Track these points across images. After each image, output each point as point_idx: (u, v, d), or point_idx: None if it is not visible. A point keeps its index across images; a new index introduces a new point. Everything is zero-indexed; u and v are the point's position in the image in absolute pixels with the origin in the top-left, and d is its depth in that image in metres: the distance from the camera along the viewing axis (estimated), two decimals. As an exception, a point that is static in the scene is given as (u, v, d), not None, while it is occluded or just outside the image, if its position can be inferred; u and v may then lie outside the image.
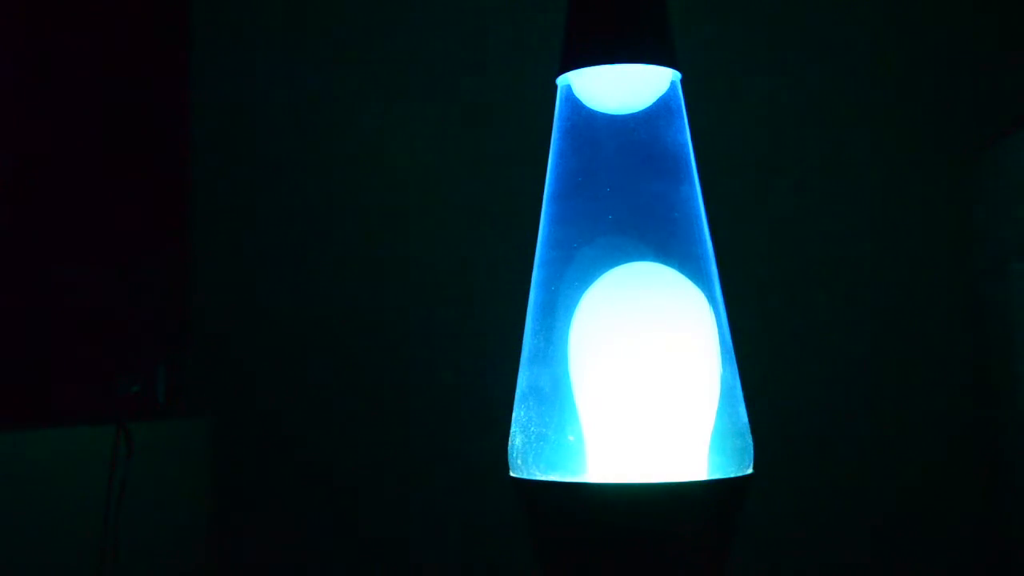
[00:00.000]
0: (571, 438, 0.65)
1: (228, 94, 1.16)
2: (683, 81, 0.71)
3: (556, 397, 0.66)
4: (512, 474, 0.67)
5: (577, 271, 0.67)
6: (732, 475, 0.65)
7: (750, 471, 0.66)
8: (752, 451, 0.67)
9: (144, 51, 1.15)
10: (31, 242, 1.04)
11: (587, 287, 0.66)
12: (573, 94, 0.70)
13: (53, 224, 1.05)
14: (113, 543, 0.88)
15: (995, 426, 0.98)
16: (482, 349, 1.05)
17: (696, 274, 0.67)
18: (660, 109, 0.69)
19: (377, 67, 1.13)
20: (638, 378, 0.64)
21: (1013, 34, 1.03)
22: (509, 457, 0.68)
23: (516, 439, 0.67)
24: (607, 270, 0.66)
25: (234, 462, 1.09)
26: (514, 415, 0.68)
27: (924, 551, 1.00)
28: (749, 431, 0.67)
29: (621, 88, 0.69)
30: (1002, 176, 0.96)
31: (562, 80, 0.70)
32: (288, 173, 1.14)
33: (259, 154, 1.15)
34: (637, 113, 0.69)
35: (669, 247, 0.66)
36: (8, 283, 1.01)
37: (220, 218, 1.15)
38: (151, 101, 1.15)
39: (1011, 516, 0.96)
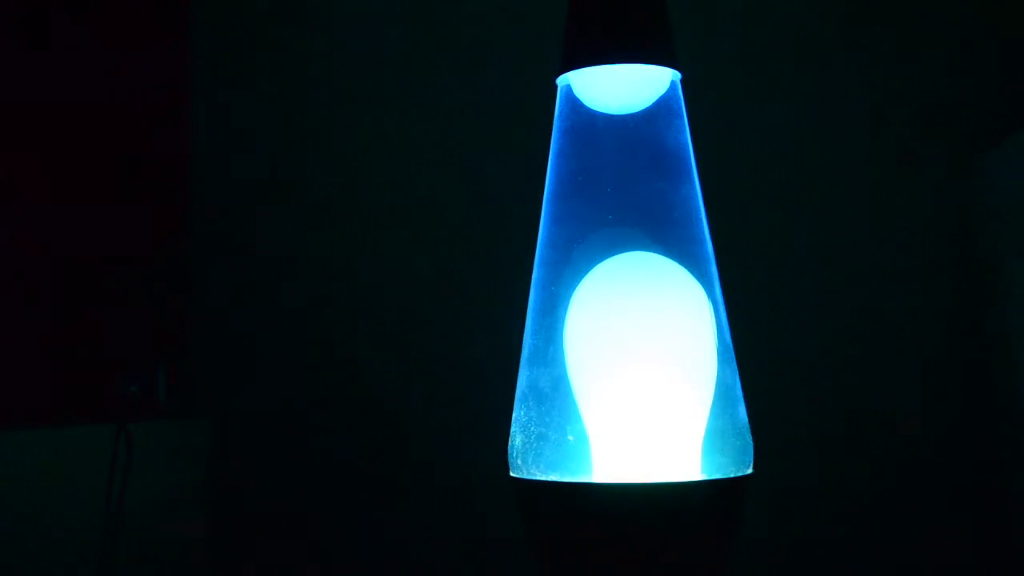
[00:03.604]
0: (571, 438, 0.65)
1: (228, 94, 1.16)
2: (683, 81, 0.71)
3: (556, 397, 0.66)
4: (512, 474, 0.67)
5: (576, 270, 0.67)
6: (732, 475, 0.65)
7: (750, 471, 0.66)
8: (752, 451, 0.67)
9: (144, 51, 1.15)
10: (31, 242, 1.04)
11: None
12: (573, 94, 0.70)
13: (53, 224, 1.05)
14: (113, 543, 0.88)
15: (995, 426, 0.98)
16: (482, 349, 1.05)
17: (696, 274, 0.67)
18: (660, 109, 0.69)
19: (377, 67, 1.13)
20: (634, 374, 0.64)
21: (1013, 35, 1.03)
22: (509, 457, 0.68)
23: (516, 439, 0.67)
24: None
25: (234, 462, 1.09)
26: (514, 415, 0.68)
27: (924, 551, 1.00)
28: (749, 431, 0.67)
29: (621, 88, 0.69)
30: (1002, 176, 0.96)
31: (562, 80, 0.70)
32: (288, 173, 1.14)
33: (259, 154, 1.15)
34: (637, 113, 0.69)
35: (669, 247, 0.67)
36: (8, 283, 1.01)
37: (220, 218, 1.15)
38: (151, 101, 1.15)
39: (1011, 516, 0.96)
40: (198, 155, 1.16)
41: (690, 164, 0.69)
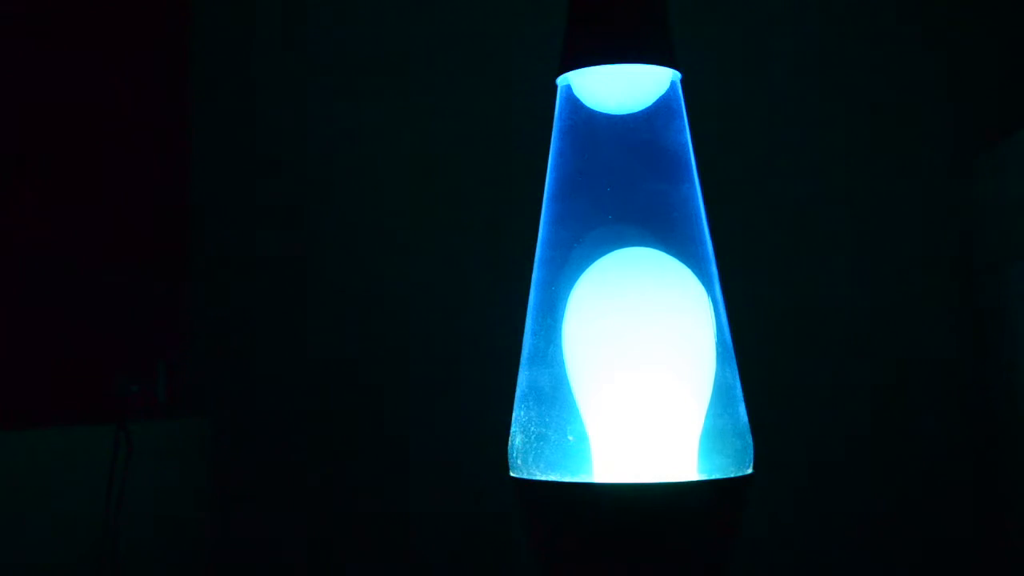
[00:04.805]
0: (571, 438, 0.65)
1: (228, 93, 1.16)
2: (683, 81, 0.71)
3: (556, 397, 0.66)
4: (512, 474, 0.67)
5: (576, 271, 0.67)
6: (732, 475, 0.65)
7: (750, 471, 0.66)
8: (752, 451, 0.67)
9: (144, 49, 1.15)
10: (31, 242, 1.04)
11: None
12: (573, 94, 0.70)
13: (53, 224, 1.05)
14: (113, 543, 0.88)
15: (995, 426, 0.98)
16: (482, 349, 1.05)
17: (696, 273, 0.67)
18: (660, 109, 0.69)
19: (377, 68, 1.13)
20: (634, 374, 0.64)
21: (1013, 35, 1.03)
22: (509, 457, 0.68)
23: (516, 439, 0.67)
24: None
25: (234, 462, 1.09)
26: (514, 415, 0.68)
27: (923, 551, 1.00)
28: (749, 431, 0.67)
29: (621, 88, 0.69)
30: (1002, 176, 0.96)
31: (562, 80, 0.70)
32: (288, 173, 1.14)
33: (259, 154, 1.15)
34: (637, 113, 0.69)
35: (669, 246, 0.67)
36: (8, 283, 1.01)
37: (220, 218, 1.15)
38: (151, 100, 1.15)
39: (1011, 516, 0.96)
40: (198, 154, 1.16)
41: (690, 164, 0.69)
